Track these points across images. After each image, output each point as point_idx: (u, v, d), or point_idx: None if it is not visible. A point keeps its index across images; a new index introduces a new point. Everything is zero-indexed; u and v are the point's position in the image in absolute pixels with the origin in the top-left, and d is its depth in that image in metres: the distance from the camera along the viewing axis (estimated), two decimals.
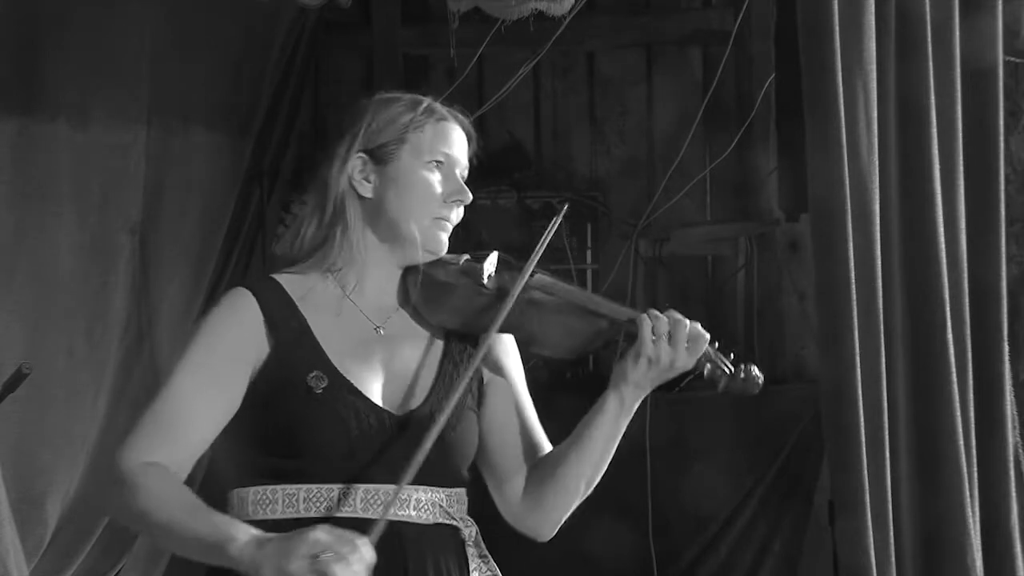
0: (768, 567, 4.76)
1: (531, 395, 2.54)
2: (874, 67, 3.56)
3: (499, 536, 2.55)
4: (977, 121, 3.76)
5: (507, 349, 2.54)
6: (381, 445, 2.35)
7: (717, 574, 4.79)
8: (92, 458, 4.43)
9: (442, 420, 2.32)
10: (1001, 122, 3.80)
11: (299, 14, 4.96)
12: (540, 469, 2.50)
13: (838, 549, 3.60)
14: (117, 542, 4.57)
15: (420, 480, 2.34)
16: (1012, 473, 3.78)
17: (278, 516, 2.35)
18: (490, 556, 2.51)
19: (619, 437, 2.51)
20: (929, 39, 3.64)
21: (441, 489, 2.41)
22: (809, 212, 3.61)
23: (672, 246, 5.28)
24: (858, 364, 3.50)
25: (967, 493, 3.66)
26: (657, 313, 2.45)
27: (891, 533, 3.56)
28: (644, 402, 2.51)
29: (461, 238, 2.55)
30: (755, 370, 2.52)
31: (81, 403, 4.44)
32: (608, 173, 5.52)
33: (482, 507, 2.52)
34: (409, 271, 2.48)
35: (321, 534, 2.16)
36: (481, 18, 3.97)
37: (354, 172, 2.44)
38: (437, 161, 2.46)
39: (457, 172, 2.48)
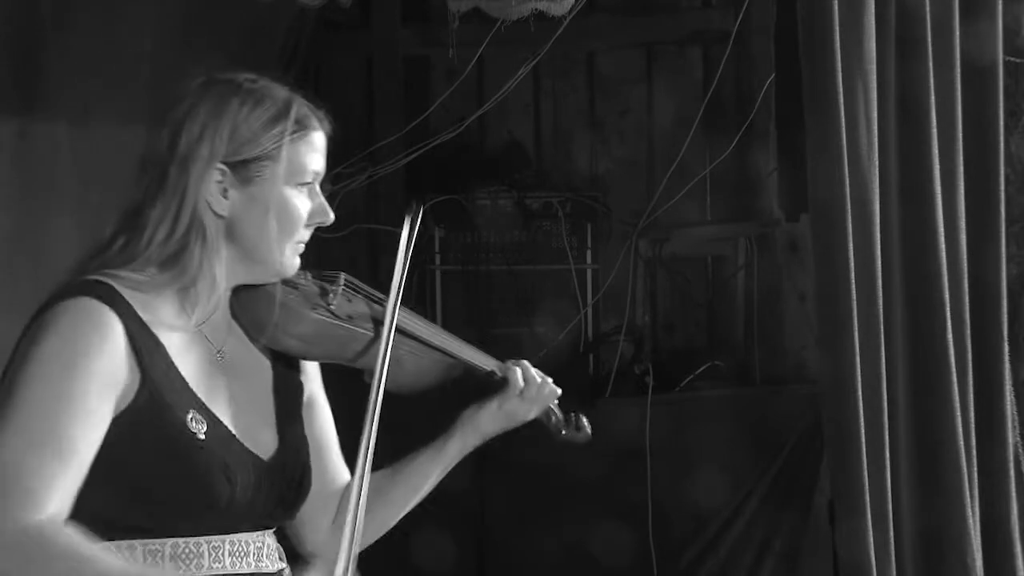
0: (768, 567, 4.76)
1: None
2: (874, 67, 3.56)
3: (499, 536, 2.55)
4: (977, 121, 3.76)
5: (311, 374, 2.35)
6: (255, 493, 2.16)
7: (717, 574, 4.79)
8: None
9: (363, 486, 2.13)
10: (1001, 122, 3.80)
11: (299, 14, 4.96)
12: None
13: (838, 549, 3.60)
14: None
15: (273, 523, 2.23)
16: (1012, 473, 3.78)
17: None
18: None
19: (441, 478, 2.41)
20: (929, 39, 3.64)
21: (272, 532, 2.26)
22: (809, 212, 3.61)
23: (672, 246, 5.28)
24: (858, 364, 3.50)
25: (967, 493, 3.66)
26: (528, 367, 2.41)
27: (891, 533, 3.56)
28: (644, 402, 2.51)
29: (462, 239, 2.51)
30: (584, 420, 2.53)
31: None
32: (608, 173, 5.52)
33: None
34: (242, 286, 2.22)
35: None
36: (481, 18, 3.97)
37: (211, 185, 2.15)
38: (304, 182, 2.20)
39: (318, 188, 2.23)
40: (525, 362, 2.44)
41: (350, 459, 2.28)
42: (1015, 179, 4.19)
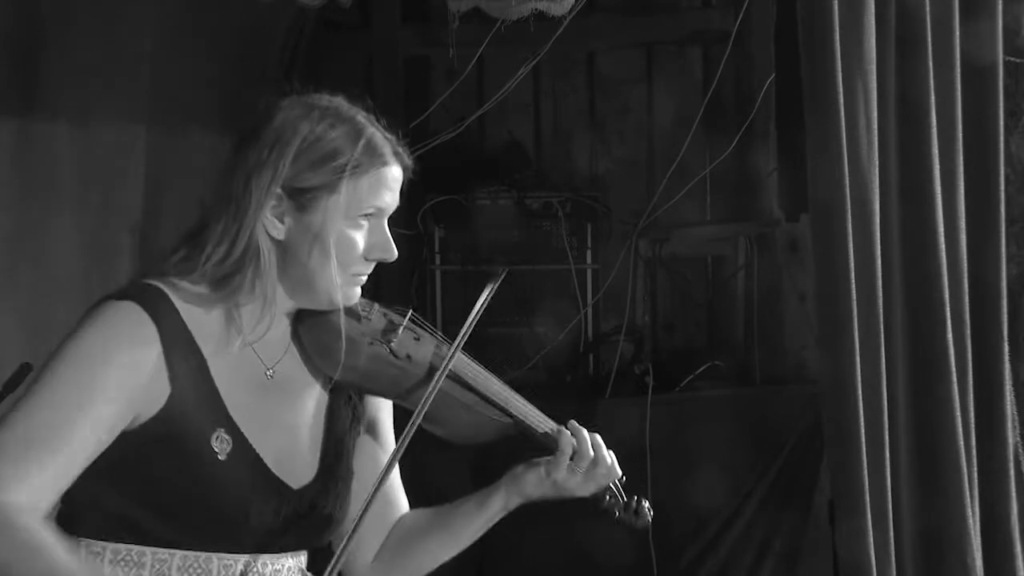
0: (768, 567, 4.76)
1: (528, 396, 2.41)
2: (874, 67, 3.56)
3: (499, 536, 2.53)
4: (977, 121, 3.75)
5: (383, 406, 2.33)
6: (273, 519, 2.14)
7: (717, 574, 4.79)
8: None
9: (368, 503, 2.09)
10: (1001, 122, 3.80)
11: (299, 14, 4.96)
12: (397, 539, 2.34)
13: (838, 549, 3.60)
14: None
15: (294, 547, 2.20)
16: (1012, 473, 3.78)
17: None
18: None
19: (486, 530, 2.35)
20: (929, 39, 3.64)
21: (302, 552, 2.24)
22: (809, 212, 3.61)
23: (672, 246, 5.28)
24: (858, 364, 3.50)
25: (967, 493, 3.66)
26: (584, 439, 2.27)
27: (891, 533, 3.56)
28: (644, 402, 2.45)
29: (462, 239, 2.48)
30: (646, 505, 2.43)
31: None
32: (608, 173, 5.52)
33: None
34: (308, 312, 2.21)
35: None
36: (481, 18, 3.97)
37: (267, 208, 2.12)
38: (368, 214, 2.17)
39: (385, 222, 2.20)
40: (587, 434, 2.29)
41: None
42: (1015, 179, 4.19)
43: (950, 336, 3.65)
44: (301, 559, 2.24)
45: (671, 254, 5.30)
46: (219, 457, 2.09)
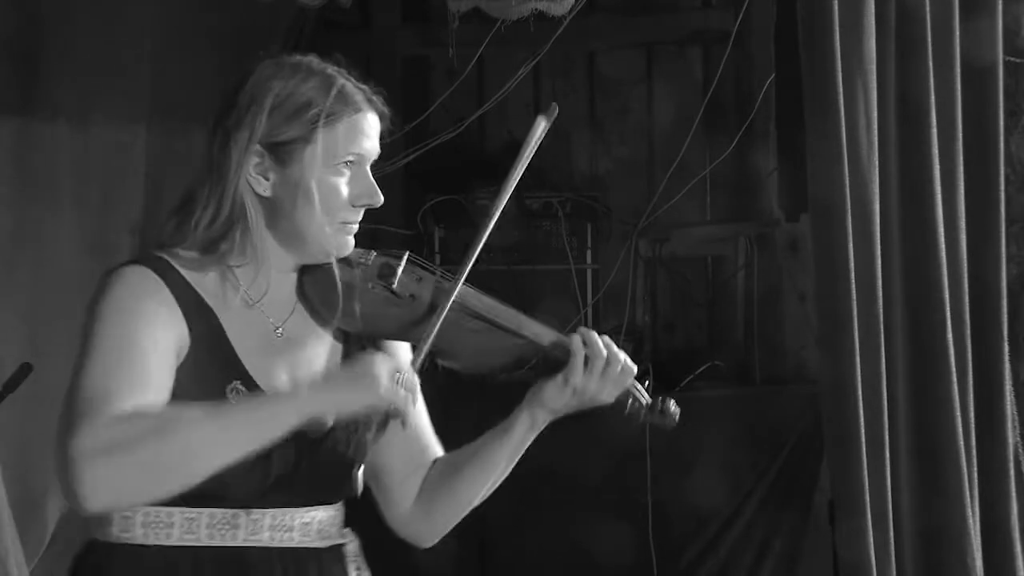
0: (768, 567, 4.76)
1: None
2: (874, 67, 3.56)
3: (500, 536, 2.53)
4: (977, 121, 3.76)
5: (396, 352, 2.32)
6: (293, 469, 2.17)
7: (717, 574, 4.79)
8: None
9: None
10: (1001, 122, 3.80)
11: (299, 14, 4.95)
12: (434, 480, 2.34)
13: (838, 549, 3.60)
14: None
15: (312, 501, 2.22)
16: (1012, 473, 3.78)
17: (173, 542, 2.14)
18: (366, 568, 2.35)
19: (521, 453, 2.33)
20: (929, 39, 3.64)
21: (331, 507, 2.27)
22: (809, 212, 3.61)
23: (672, 246, 5.28)
24: (858, 364, 3.50)
25: (967, 493, 3.66)
26: (594, 340, 2.28)
27: (891, 533, 3.56)
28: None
29: (462, 239, 2.46)
30: (672, 404, 2.35)
31: None
32: (608, 173, 5.52)
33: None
34: (308, 267, 2.25)
35: (380, 356, 2.04)
36: (481, 18, 3.97)
37: (251, 167, 2.18)
38: (348, 162, 2.20)
39: (367, 168, 2.24)
40: (593, 333, 2.29)
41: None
42: (1015, 179, 4.19)
43: (950, 336, 3.65)
44: (333, 514, 2.27)
45: (671, 254, 5.30)
46: None
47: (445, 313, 2.21)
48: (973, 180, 3.74)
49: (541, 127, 2.33)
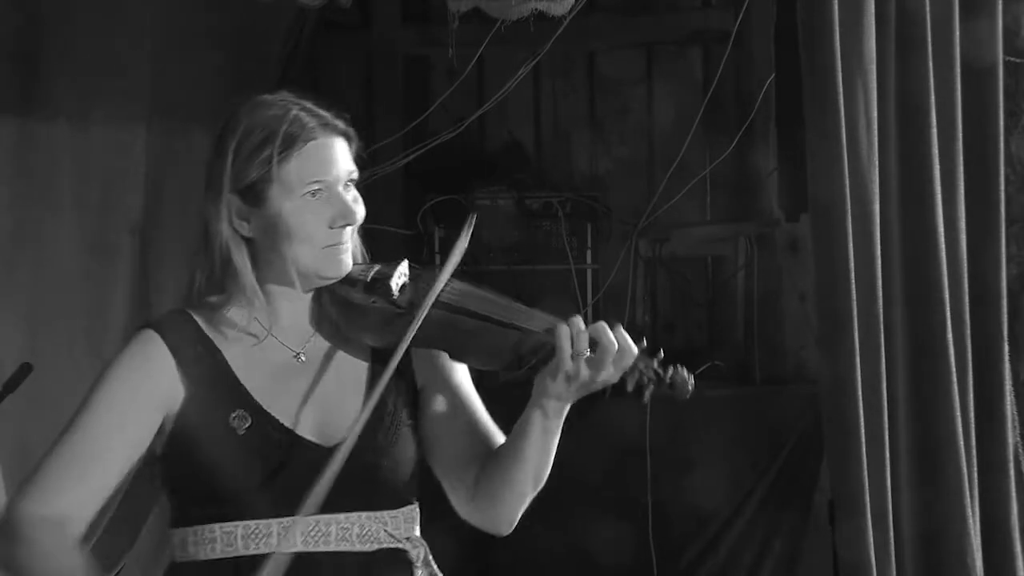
0: (768, 567, 4.76)
1: (528, 395, 2.36)
2: (874, 67, 3.56)
3: (499, 538, 2.53)
4: (977, 121, 3.76)
5: (426, 357, 2.40)
6: (312, 479, 2.22)
7: (717, 574, 4.79)
8: None
9: (347, 445, 2.20)
10: (1001, 122, 3.80)
11: (299, 14, 4.96)
12: (489, 468, 2.39)
13: (838, 549, 3.60)
14: (117, 542, 4.56)
15: (363, 506, 2.30)
16: (1012, 473, 3.78)
17: (217, 555, 2.29)
18: (440, 573, 2.41)
19: (556, 438, 2.35)
20: (929, 39, 3.64)
21: (386, 512, 2.33)
22: (809, 212, 3.61)
23: (672, 246, 5.28)
24: (858, 364, 3.50)
25: (967, 493, 3.66)
26: (580, 327, 2.26)
27: (891, 533, 3.56)
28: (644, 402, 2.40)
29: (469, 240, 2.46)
30: (684, 373, 2.29)
31: None
32: (608, 173, 5.52)
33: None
34: (320, 292, 2.36)
35: None
36: (481, 18, 3.97)
37: (231, 214, 2.30)
38: (312, 192, 2.29)
39: (339, 190, 2.32)
40: (578, 321, 2.27)
41: None
42: (1015, 179, 4.20)
43: (950, 336, 3.65)
44: (385, 519, 2.33)
45: (671, 254, 5.29)
46: (238, 433, 2.27)
47: (425, 313, 2.26)
48: (973, 180, 3.74)
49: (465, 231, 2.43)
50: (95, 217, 4.48)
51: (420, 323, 2.26)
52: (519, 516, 2.41)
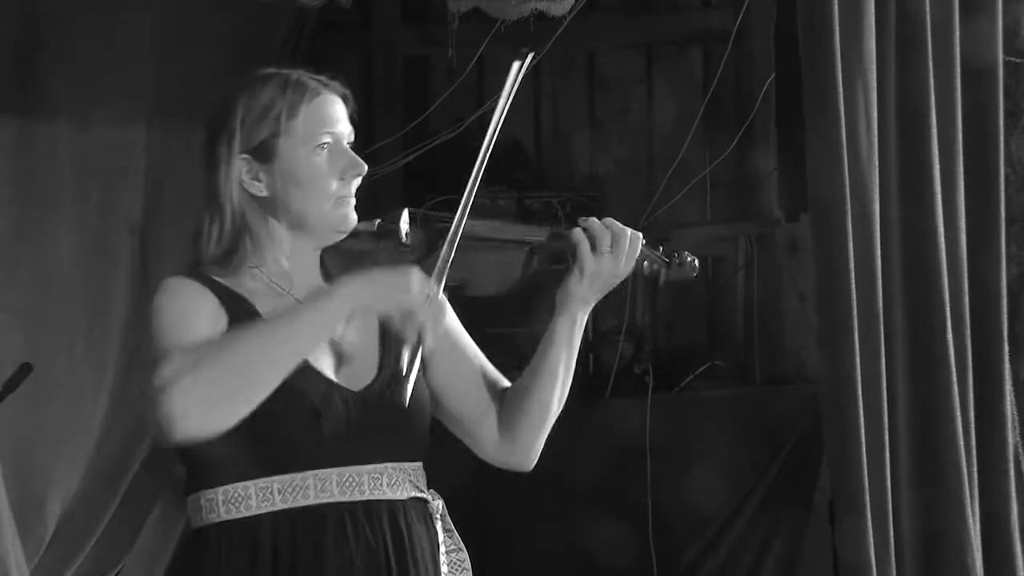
0: (768, 567, 4.76)
1: None
2: (874, 67, 3.56)
3: (499, 536, 2.54)
4: (977, 121, 3.76)
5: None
6: (346, 425, 2.32)
7: (717, 574, 4.79)
8: (92, 458, 4.43)
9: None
10: (1001, 122, 3.80)
11: (299, 14, 4.96)
12: (508, 406, 2.48)
13: (838, 549, 3.61)
14: (117, 542, 4.57)
15: (391, 456, 2.36)
16: (1012, 473, 3.78)
17: (252, 512, 2.31)
18: (455, 530, 2.47)
19: (576, 352, 2.47)
20: (929, 39, 3.64)
21: (408, 464, 2.39)
22: (809, 212, 3.61)
23: (672, 246, 5.27)
24: (858, 364, 3.50)
25: (967, 493, 3.66)
26: (595, 225, 2.43)
27: (891, 533, 3.56)
28: (644, 402, 2.48)
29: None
30: (688, 256, 2.52)
31: (81, 403, 4.44)
32: (608, 173, 5.52)
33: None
34: (326, 250, 2.43)
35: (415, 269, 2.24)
36: (481, 18, 3.97)
37: (242, 175, 2.37)
38: (323, 144, 2.39)
39: (344, 144, 2.43)
40: (593, 219, 2.44)
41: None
42: (1015, 179, 4.20)
43: (950, 336, 3.65)
44: (409, 470, 2.39)
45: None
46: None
47: (459, 235, 2.36)
48: (973, 180, 3.74)
49: (514, 70, 2.60)
50: (95, 217, 4.48)
51: (454, 249, 2.34)
52: (541, 445, 2.49)
